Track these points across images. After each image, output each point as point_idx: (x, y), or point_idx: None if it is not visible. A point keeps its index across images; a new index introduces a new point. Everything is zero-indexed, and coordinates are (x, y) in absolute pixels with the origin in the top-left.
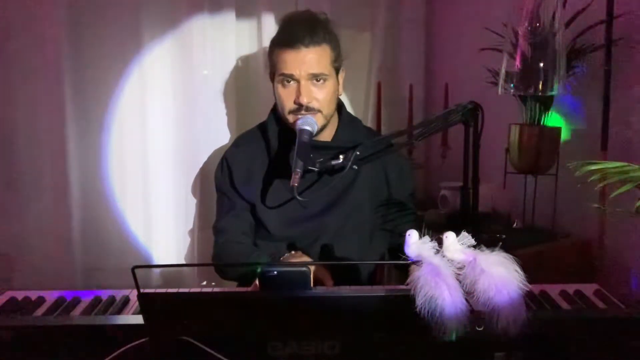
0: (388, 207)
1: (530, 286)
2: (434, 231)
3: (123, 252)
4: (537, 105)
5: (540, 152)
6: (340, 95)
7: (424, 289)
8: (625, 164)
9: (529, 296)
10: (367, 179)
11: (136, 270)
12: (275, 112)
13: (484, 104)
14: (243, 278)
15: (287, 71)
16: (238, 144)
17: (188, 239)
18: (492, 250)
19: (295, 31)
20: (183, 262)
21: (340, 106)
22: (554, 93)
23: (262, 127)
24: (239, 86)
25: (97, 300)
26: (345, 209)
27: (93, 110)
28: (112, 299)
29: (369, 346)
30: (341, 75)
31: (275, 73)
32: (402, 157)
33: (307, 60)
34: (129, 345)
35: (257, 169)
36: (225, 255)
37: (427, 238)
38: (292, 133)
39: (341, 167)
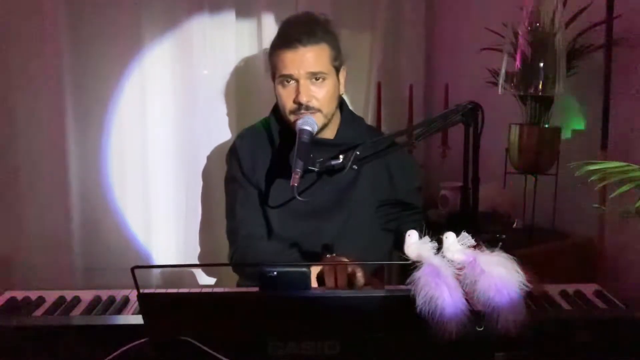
0: (392, 206)
1: (530, 286)
2: (434, 231)
3: (123, 252)
4: (537, 105)
5: (540, 152)
6: (342, 94)
7: (424, 290)
8: (625, 164)
9: (529, 296)
10: (369, 178)
11: (136, 270)
12: (277, 112)
13: (484, 104)
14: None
15: (286, 71)
16: (243, 136)
17: (188, 239)
18: (492, 250)
19: (293, 32)
20: (183, 262)
21: (342, 104)
22: (554, 93)
23: (264, 123)
24: (239, 86)
25: (97, 300)
26: (347, 208)
27: (93, 110)
28: (112, 299)
29: (369, 346)
30: (342, 74)
31: (275, 74)
32: (404, 153)
33: (306, 59)
34: (129, 345)
35: (260, 161)
36: (251, 255)
37: (427, 238)
38: (293, 133)
39: (341, 167)
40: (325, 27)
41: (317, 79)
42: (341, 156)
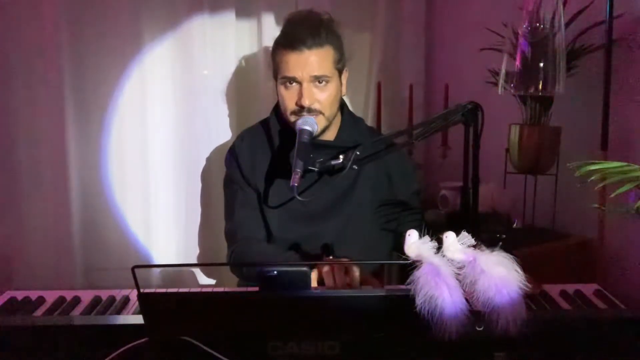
0: (392, 207)
1: (530, 286)
2: (434, 231)
3: (123, 252)
4: (537, 105)
5: (540, 152)
6: (344, 95)
7: (424, 289)
8: (625, 164)
9: (529, 296)
10: (369, 180)
11: (136, 270)
12: (278, 111)
13: (484, 104)
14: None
15: (289, 73)
16: (243, 137)
17: (188, 239)
18: (492, 250)
19: (298, 33)
20: (183, 262)
21: (342, 106)
22: (554, 93)
23: (264, 124)
24: (239, 86)
25: (97, 300)
26: (347, 210)
27: (93, 111)
28: (112, 299)
29: (369, 346)
30: (344, 76)
31: (277, 74)
32: (404, 157)
33: (310, 62)
34: (129, 345)
35: (260, 162)
36: (248, 256)
37: (427, 238)
38: (293, 133)
39: (341, 167)
40: (329, 28)
41: (320, 82)
42: (341, 156)
